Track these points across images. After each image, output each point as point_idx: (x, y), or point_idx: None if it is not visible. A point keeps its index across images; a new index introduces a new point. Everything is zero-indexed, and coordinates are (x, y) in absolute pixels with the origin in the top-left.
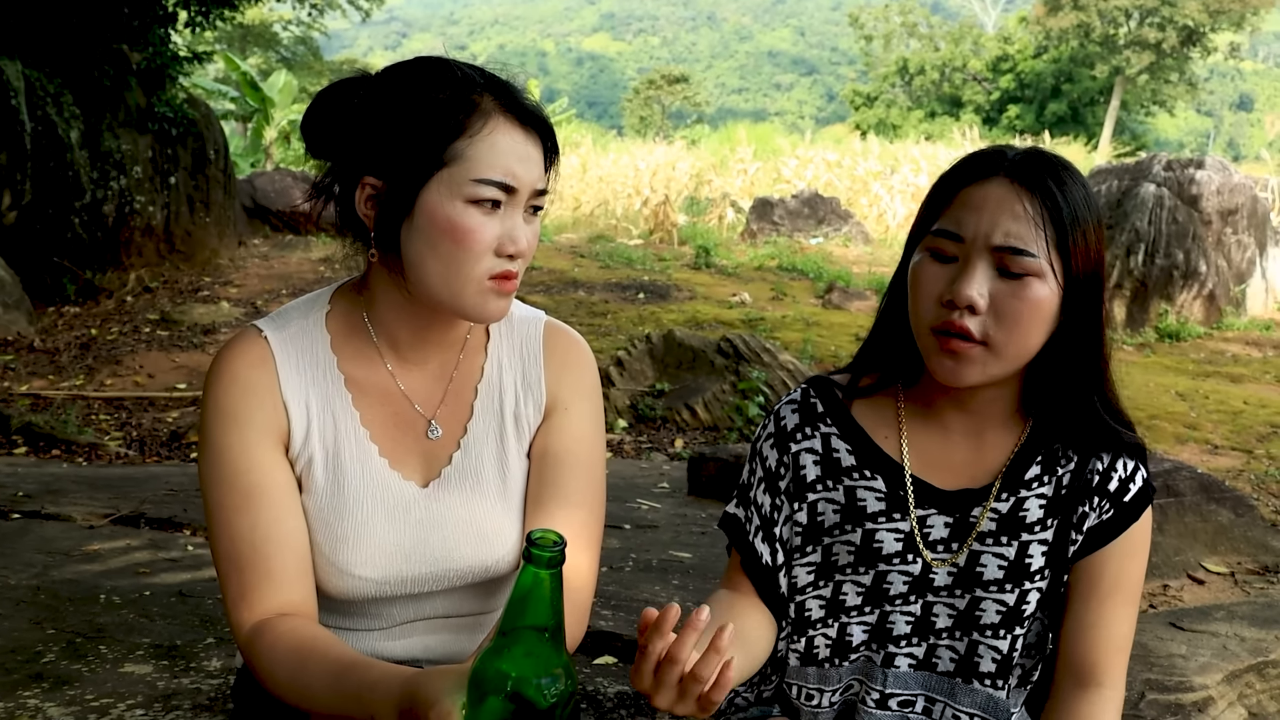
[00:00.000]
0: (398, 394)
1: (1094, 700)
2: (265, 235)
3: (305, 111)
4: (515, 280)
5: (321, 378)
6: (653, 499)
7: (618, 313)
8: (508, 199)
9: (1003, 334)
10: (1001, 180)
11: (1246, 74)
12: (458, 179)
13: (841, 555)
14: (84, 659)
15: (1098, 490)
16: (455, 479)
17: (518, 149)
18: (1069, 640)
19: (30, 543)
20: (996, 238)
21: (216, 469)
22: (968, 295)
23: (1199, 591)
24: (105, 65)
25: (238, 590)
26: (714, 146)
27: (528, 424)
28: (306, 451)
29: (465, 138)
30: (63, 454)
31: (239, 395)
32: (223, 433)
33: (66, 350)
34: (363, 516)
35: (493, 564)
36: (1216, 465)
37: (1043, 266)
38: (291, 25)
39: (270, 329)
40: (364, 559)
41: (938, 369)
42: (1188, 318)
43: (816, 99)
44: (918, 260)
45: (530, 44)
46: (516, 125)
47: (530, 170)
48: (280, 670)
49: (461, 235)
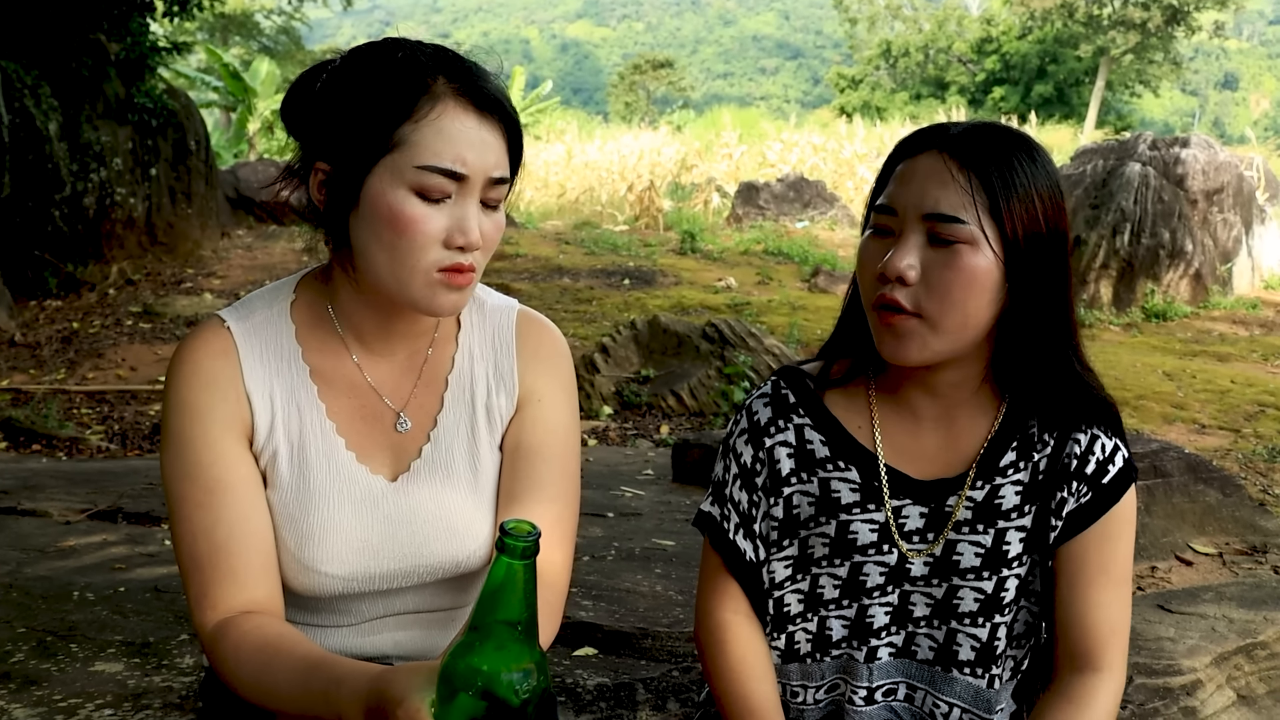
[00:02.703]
0: (365, 386)
1: (1091, 684)
2: (249, 226)
3: (284, 96)
4: (469, 274)
5: (286, 369)
6: (636, 486)
7: (603, 299)
8: (458, 187)
9: (935, 304)
10: (933, 153)
11: (1231, 53)
12: (401, 165)
13: (817, 548)
14: (54, 658)
15: (1075, 474)
16: (425, 472)
17: (469, 134)
18: (1062, 627)
19: (4, 540)
20: (926, 205)
21: (179, 463)
22: (896, 267)
23: (1187, 573)
24: (83, 56)
25: (200, 588)
26: (699, 132)
27: (500, 415)
28: (271, 445)
29: (411, 122)
30: (44, 449)
31: (201, 387)
32: (185, 426)
33: (48, 344)
34: (329, 512)
35: (464, 559)
36: (1204, 445)
37: (974, 233)
38: (273, 14)
39: (233, 319)
40: (331, 555)
41: (882, 347)
42: (1174, 297)
43: (802, 83)
44: (862, 240)
45: (514, 31)
46: (470, 109)
47: (484, 156)
48: (245, 669)
49: (404, 225)
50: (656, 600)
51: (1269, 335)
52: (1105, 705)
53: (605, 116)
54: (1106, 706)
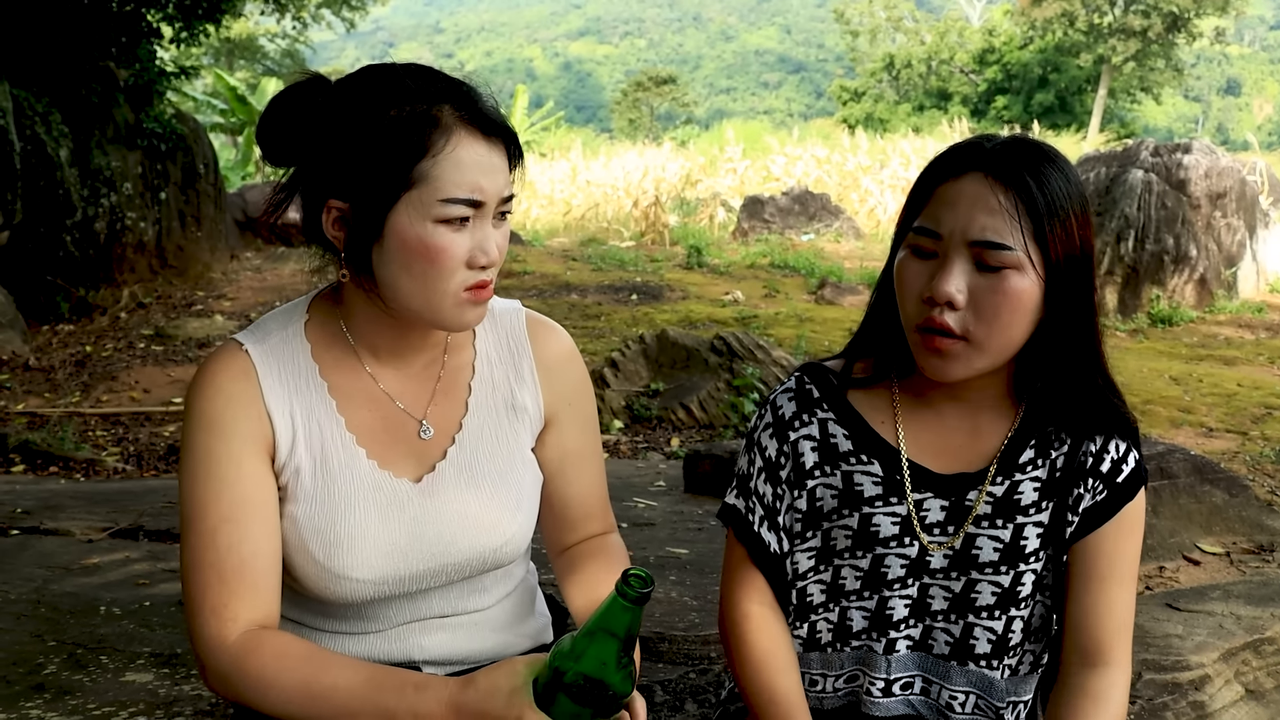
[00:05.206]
0: (384, 398)
1: (1101, 678)
2: (257, 248)
3: (260, 118)
4: (490, 287)
5: (304, 387)
6: (649, 497)
7: (611, 314)
8: (476, 212)
9: (983, 328)
10: (976, 175)
11: (1233, 58)
12: (425, 200)
13: (840, 540)
14: (85, 669)
15: (1091, 472)
16: (450, 473)
17: (482, 161)
18: (1073, 622)
19: (29, 558)
20: (973, 232)
21: (202, 479)
22: (946, 292)
23: (1195, 572)
24: (93, 82)
25: (220, 599)
26: (703, 147)
27: (527, 413)
28: (294, 462)
29: (430, 157)
30: (60, 470)
31: (224, 406)
32: (211, 442)
33: (62, 368)
34: (356, 519)
35: (489, 554)
36: (1212, 448)
37: (1020, 259)
38: (277, 38)
39: (250, 341)
40: (360, 561)
41: (925, 366)
42: (1180, 302)
43: (805, 96)
44: (901, 257)
45: (517, 51)
46: (479, 137)
47: (496, 180)
48: (291, 676)
49: (435, 255)
50: (672, 606)
51: (1275, 339)
52: (1120, 699)
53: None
54: (1121, 700)
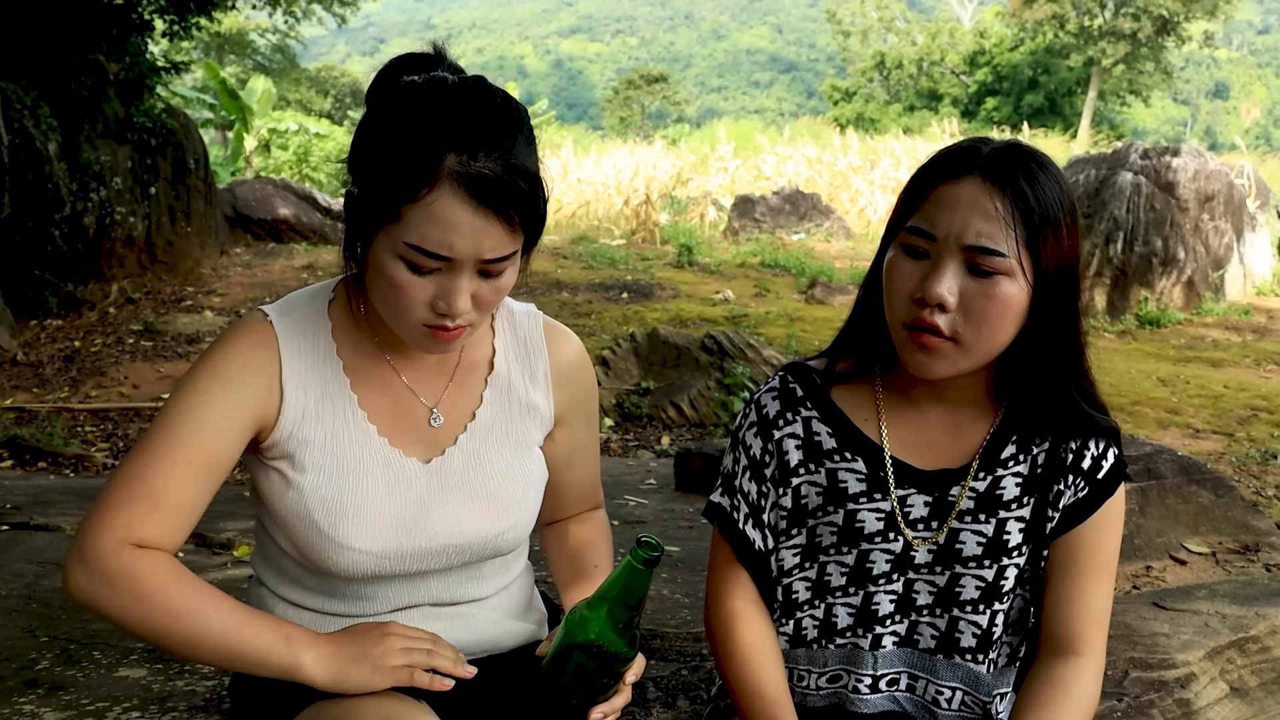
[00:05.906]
0: (398, 384)
1: (1070, 668)
2: (247, 244)
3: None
4: (455, 332)
5: (321, 363)
6: (640, 495)
7: (602, 313)
8: (446, 264)
9: (971, 331)
10: (974, 179)
11: (1221, 62)
12: (395, 238)
13: (825, 536)
14: (78, 665)
15: (1072, 469)
16: (459, 459)
17: (461, 224)
18: (1049, 615)
19: (20, 553)
20: (968, 237)
21: (189, 416)
22: (938, 294)
23: (1181, 572)
24: (82, 76)
25: (138, 519)
26: (694, 145)
27: (538, 412)
28: (301, 433)
29: (414, 203)
30: (49, 466)
31: (237, 368)
32: (210, 389)
33: (50, 363)
34: (363, 490)
35: (491, 539)
36: (1198, 449)
37: (1012, 265)
38: (268, 33)
39: (276, 314)
40: (364, 532)
41: (910, 362)
42: (1167, 304)
43: (796, 96)
44: (892, 255)
45: (508, 48)
46: (467, 200)
47: (476, 243)
48: (177, 590)
49: (394, 288)
50: (664, 603)
51: (1261, 341)
52: (1088, 688)
53: (601, 131)
54: (1088, 689)
